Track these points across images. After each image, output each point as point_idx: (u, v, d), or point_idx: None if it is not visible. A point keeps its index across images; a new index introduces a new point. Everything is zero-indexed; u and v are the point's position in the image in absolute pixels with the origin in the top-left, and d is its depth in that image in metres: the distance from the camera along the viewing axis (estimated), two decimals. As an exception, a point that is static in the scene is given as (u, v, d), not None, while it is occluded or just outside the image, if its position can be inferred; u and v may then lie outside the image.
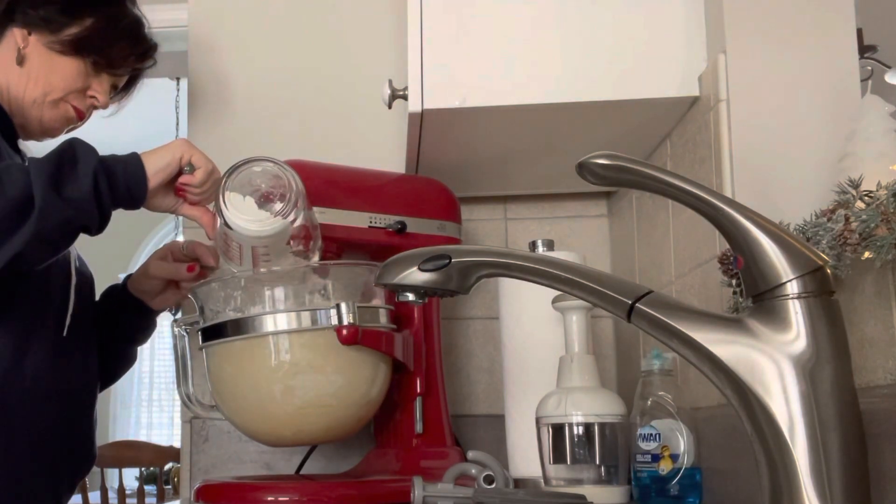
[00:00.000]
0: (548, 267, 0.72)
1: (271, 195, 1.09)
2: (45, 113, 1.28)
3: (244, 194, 1.10)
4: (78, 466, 1.32)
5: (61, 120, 1.31)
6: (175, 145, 1.14)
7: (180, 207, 1.17)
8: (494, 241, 1.57)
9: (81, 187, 1.06)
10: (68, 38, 1.27)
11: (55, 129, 1.32)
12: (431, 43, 1.14)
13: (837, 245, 0.73)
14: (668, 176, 0.70)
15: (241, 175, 1.10)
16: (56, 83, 1.27)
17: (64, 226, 1.07)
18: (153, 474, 4.60)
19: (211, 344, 1.16)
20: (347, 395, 1.13)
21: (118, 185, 1.09)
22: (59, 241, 1.10)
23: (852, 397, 0.65)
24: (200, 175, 1.13)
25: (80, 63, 1.28)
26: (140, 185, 1.11)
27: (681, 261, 1.15)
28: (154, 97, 4.92)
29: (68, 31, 1.27)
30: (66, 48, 1.27)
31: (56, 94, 1.28)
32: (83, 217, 1.08)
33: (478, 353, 1.55)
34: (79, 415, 1.30)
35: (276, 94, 1.61)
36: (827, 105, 0.97)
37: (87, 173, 1.07)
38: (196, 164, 1.13)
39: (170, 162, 1.12)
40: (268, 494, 1.05)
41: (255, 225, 1.07)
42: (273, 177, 1.10)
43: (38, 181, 1.04)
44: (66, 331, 1.25)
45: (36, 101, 1.27)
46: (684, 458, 1.01)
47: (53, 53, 1.27)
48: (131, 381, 6.36)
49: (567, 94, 1.12)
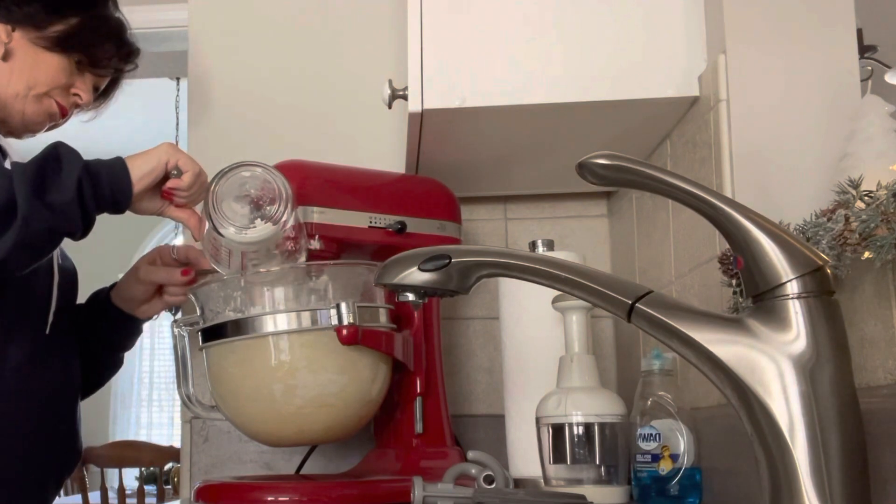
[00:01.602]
0: (548, 267, 0.72)
1: (261, 200, 1.09)
2: (28, 108, 1.27)
3: (234, 199, 1.10)
4: (63, 463, 1.32)
5: (44, 115, 1.29)
6: (160, 150, 1.14)
7: (167, 210, 1.17)
8: (494, 241, 1.57)
9: (65, 193, 1.06)
10: (54, 34, 1.27)
11: (37, 124, 1.30)
12: (431, 43, 1.14)
13: (837, 245, 0.73)
14: (668, 176, 0.70)
15: (231, 180, 1.10)
16: (40, 78, 1.27)
17: (47, 232, 1.07)
18: (153, 474, 4.59)
19: (211, 344, 1.16)
20: (347, 395, 1.13)
21: (102, 191, 1.09)
22: (43, 247, 1.10)
23: (852, 397, 0.65)
24: (188, 178, 1.14)
25: (64, 60, 1.28)
26: (125, 191, 1.11)
27: (681, 261, 1.15)
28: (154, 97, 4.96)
29: (54, 28, 1.27)
30: (51, 44, 1.27)
31: (40, 89, 1.27)
32: (67, 223, 1.07)
33: (478, 353, 1.55)
34: (62, 411, 1.29)
35: (275, 93, 1.61)
36: (827, 105, 0.97)
37: (71, 179, 1.07)
38: (183, 168, 1.14)
39: (155, 167, 1.13)
40: (268, 494, 1.05)
41: (245, 232, 1.07)
42: (263, 181, 1.10)
43: (21, 187, 1.04)
44: (49, 328, 1.25)
45: (19, 95, 1.26)
46: (684, 458, 1.01)
47: (38, 49, 1.26)
48: (131, 381, 6.36)
49: (567, 94, 1.12)
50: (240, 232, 1.07)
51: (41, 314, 1.25)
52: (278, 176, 1.10)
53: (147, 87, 4.75)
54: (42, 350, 1.24)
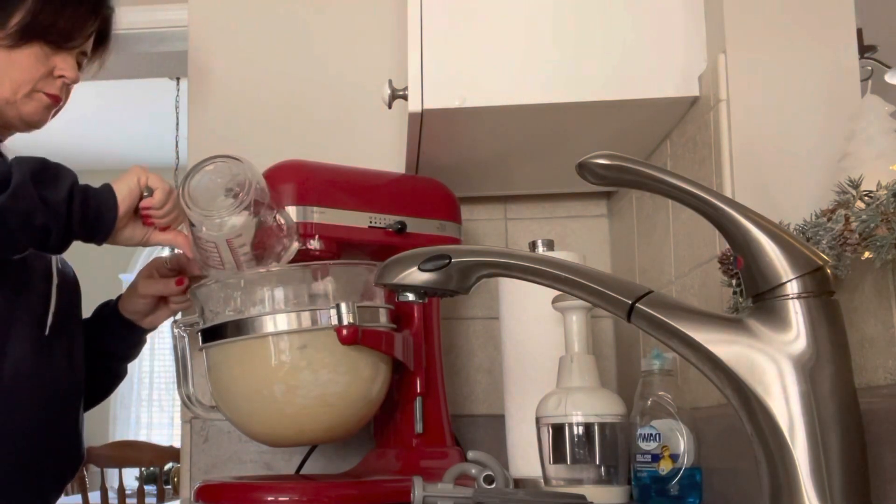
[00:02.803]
0: (548, 267, 0.72)
1: (233, 189, 1.11)
2: (22, 109, 1.26)
3: (206, 194, 1.11)
4: (64, 466, 1.31)
5: (41, 110, 1.28)
6: (131, 172, 1.17)
7: (152, 237, 1.19)
8: (494, 241, 1.57)
9: (58, 193, 1.08)
10: (14, 28, 1.23)
11: (39, 120, 1.29)
12: (431, 43, 1.14)
13: (837, 245, 0.72)
14: (668, 176, 0.70)
15: (197, 178, 1.12)
16: (19, 78, 1.24)
17: (28, 216, 1.06)
18: (153, 474, 4.60)
19: (211, 345, 1.16)
20: (347, 395, 1.13)
21: (90, 205, 1.11)
22: (17, 231, 1.07)
23: (852, 397, 0.65)
24: (159, 195, 1.16)
25: (35, 49, 1.24)
26: (110, 210, 1.13)
27: (681, 261, 1.15)
28: (154, 97, 4.96)
29: (13, 21, 1.23)
30: (15, 41, 1.23)
31: (25, 89, 1.25)
32: (50, 218, 1.07)
33: (478, 353, 1.55)
34: (63, 414, 1.29)
35: (275, 93, 1.61)
36: (827, 105, 0.97)
37: (66, 186, 1.10)
38: (153, 186, 1.16)
39: (131, 187, 1.15)
40: (268, 494, 1.05)
41: (220, 220, 1.09)
42: (230, 172, 1.11)
43: (20, 169, 1.06)
44: (49, 330, 1.25)
45: (9, 102, 1.24)
46: (684, 458, 1.01)
47: (6, 50, 1.23)
48: (131, 381, 6.36)
49: (567, 94, 1.12)
50: (215, 221, 1.09)
51: (39, 317, 1.24)
52: (243, 162, 1.11)
53: (147, 87, 4.76)
54: (41, 351, 1.23)
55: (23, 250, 1.13)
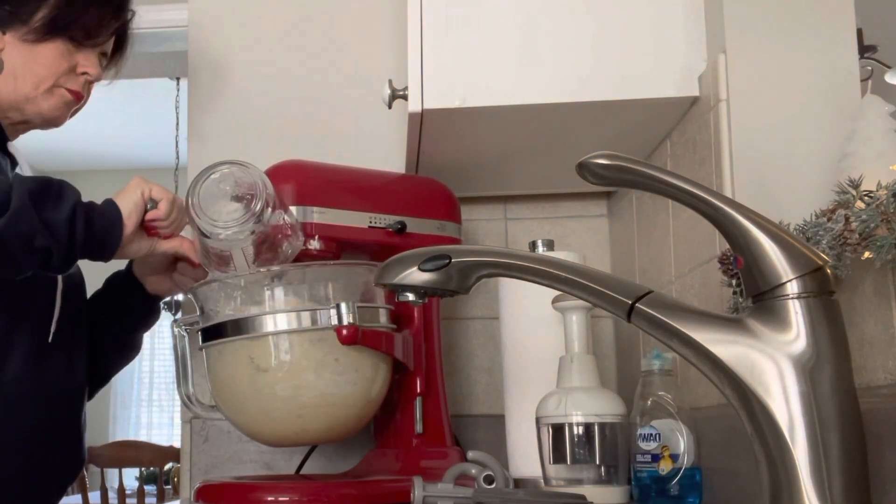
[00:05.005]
0: (548, 267, 0.72)
1: (242, 195, 1.10)
2: (43, 104, 1.26)
3: (214, 202, 1.10)
4: (66, 470, 1.31)
5: (61, 106, 1.28)
6: (133, 184, 1.16)
7: (158, 246, 1.19)
8: (494, 241, 1.57)
9: (59, 214, 1.07)
10: (39, 23, 1.24)
11: (58, 116, 1.29)
12: (431, 43, 1.14)
13: (837, 245, 0.72)
14: (668, 176, 0.70)
15: (205, 186, 1.11)
16: (42, 72, 1.25)
17: (29, 239, 1.05)
18: (153, 474, 4.60)
19: (211, 344, 1.16)
20: (347, 395, 1.13)
21: (94, 225, 1.10)
22: (17, 254, 1.06)
23: (852, 397, 0.65)
24: (164, 206, 1.15)
25: (58, 44, 1.25)
26: (116, 228, 1.12)
27: (681, 261, 1.15)
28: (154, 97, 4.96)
29: (37, 16, 1.24)
30: (39, 35, 1.24)
31: (47, 83, 1.25)
32: (51, 240, 1.06)
33: (478, 353, 1.55)
34: (64, 418, 1.29)
35: (275, 94, 1.61)
36: (827, 105, 0.97)
37: (68, 206, 1.08)
38: (157, 197, 1.15)
39: (136, 202, 1.14)
40: (268, 494, 1.05)
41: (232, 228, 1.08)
42: (235, 178, 1.11)
43: (19, 190, 1.04)
44: (52, 337, 1.24)
45: (29, 97, 1.25)
46: (684, 458, 1.01)
47: (30, 45, 1.24)
48: (131, 381, 6.36)
49: (567, 94, 1.12)
50: (226, 231, 1.08)
51: (42, 323, 1.24)
52: (251, 167, 1.11)
53: (147, 87, 4.77)
54: (44, 359, 1.23)
55: (25, 272, 1.11)
